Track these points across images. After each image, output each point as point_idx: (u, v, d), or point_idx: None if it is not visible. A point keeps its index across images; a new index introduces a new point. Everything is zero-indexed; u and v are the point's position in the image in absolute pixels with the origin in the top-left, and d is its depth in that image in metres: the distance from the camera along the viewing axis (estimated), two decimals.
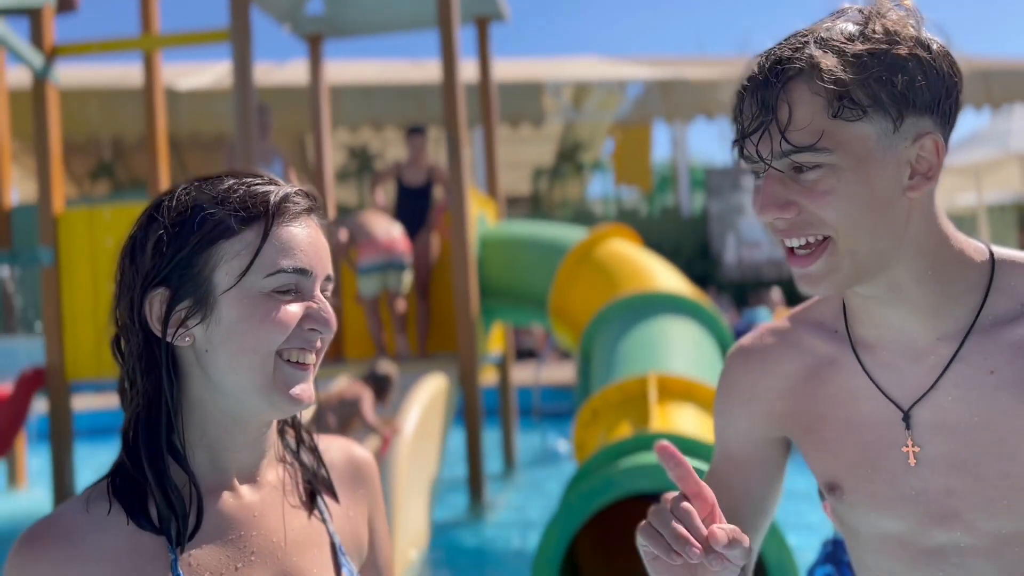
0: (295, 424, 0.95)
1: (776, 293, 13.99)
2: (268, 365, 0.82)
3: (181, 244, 0.81)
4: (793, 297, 16.91)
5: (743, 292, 15.96)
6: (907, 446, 0.92)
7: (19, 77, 7.66)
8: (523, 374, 9.68)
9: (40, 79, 5.32)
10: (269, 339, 0.81)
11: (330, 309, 0.85)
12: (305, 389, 0.84)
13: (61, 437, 5.31)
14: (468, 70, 7.37)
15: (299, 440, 0.94)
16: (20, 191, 15.77)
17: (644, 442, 3.18)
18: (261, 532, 0.86)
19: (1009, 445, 0.88)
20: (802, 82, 0.84)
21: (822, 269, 0.87)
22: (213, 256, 0.81)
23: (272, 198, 0.83)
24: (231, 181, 0.85)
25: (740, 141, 0.87)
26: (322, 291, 0.86)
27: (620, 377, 3.91)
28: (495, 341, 6.51)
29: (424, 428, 4.38)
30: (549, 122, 15.32)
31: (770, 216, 0.87)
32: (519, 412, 7.83)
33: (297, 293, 0.84)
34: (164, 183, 6.55)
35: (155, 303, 0.82)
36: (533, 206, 19.48)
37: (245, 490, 0.88)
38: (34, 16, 5.38)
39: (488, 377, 7.36)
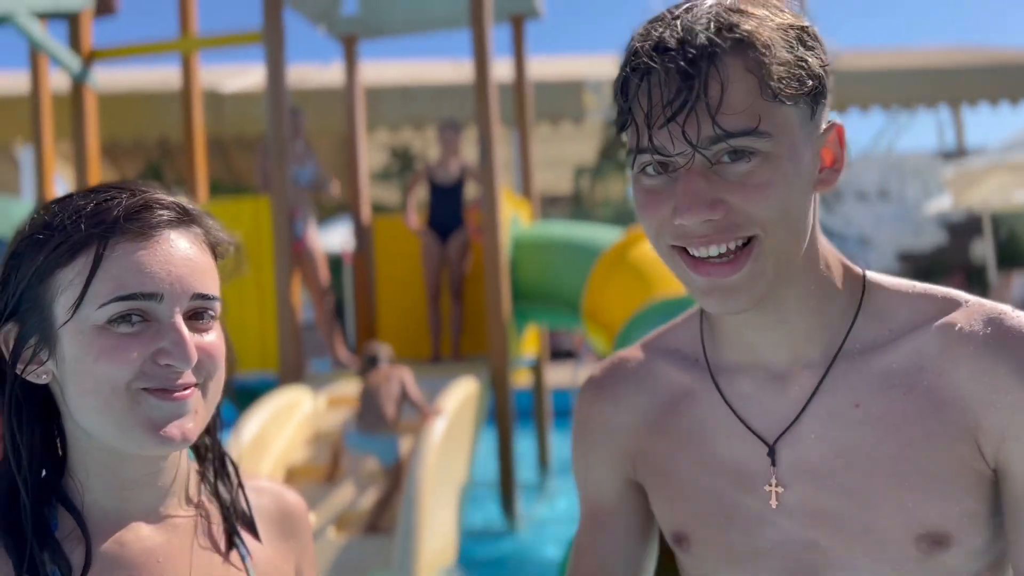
0: (217, 454, 0.85)
1: None
2: (120, 402, 0.71)
3: (22, 275, 0.73)
4: None
5: None
6: (770, 484, 0.80)
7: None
8: (561, 375, 9.58)
9: (78, 83, 5.37)
10: (109, 378, 0.71)
11: (186, 339, 0.72)
12: (178, 426, 0.72)
13: None
14: (504, 69, 7.30)
15: (218, 473, 0.84)
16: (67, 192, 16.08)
17: None
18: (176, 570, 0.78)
19: (872, 493, 0.77)
20: (735, 56, 0.71)
21: (746, 278, 0.74)
22: (51, 287, 0.72)
23: (110, 215, 0.71)
24: (82, 199, 0.74)
25: (648, 130, 0.73)
26: (196, 313, 0.74)
27: None
28: (529, 343, 6.42)
29: (453, 433, 4.30)
30: (590, 120, 15.16)
31: (697, 218, 0.72)
32: (556, 415, 7.73)
33: (146, 321, 0.72)
34: (203, 183, 6.58)
35: (7, 337, 0.74)
36: (575, 205, 19.35)
37: (147, 532, 0.78)
38: (73, 20, 5.44)
39: (522, 380, 7.27)
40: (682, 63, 0.71)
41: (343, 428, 4.36)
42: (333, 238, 13.25)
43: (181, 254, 0.73)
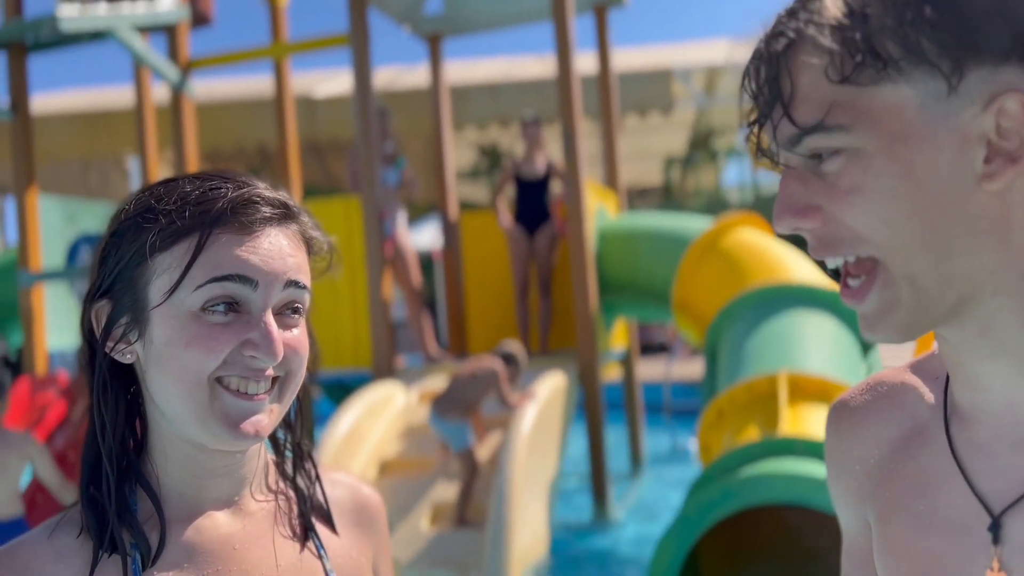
0: (294, 447, 0.85)
1: None
2: (202, 393, 0.72)
3: (121, 255, 0.74)
4: None
5: None
6: (992, 569, 0.64)
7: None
8: (653, 370, 9.43)
9: (177, 91, 5.59)
10: (196, 366, 0.71)
11: (274, 333, 0.72)
12: (254, 423, 0.73)
13: None
14: (589, 60, 7.22)
15: (296, 465, 0.84)
16: None
17: (772, 447, 2.95)
18: (241, 567, 0.77)
19: None
20: (803, 43, 0.61)
21: (875, 306, 0.62)
22: (148, 270, 0.73)
23: (215, 206, 0.72)
24: (188, 185, 0.75)
25: (754, 138, 0.66)
26: (285, 305, 0.75)
27: (748, 376, 3.67)
28: (618, 337, 6.34)
29: (542, 426, 4.28)
30: (679, 109, 14.88)
31: (786, 226, 0.63)
32: (649, 409, 7.62)
33: (237, 313, 0.73)
34: (297, 186, 6.76)
35: (100, 314, 0.76)
36: (665, 196, 19.04)
37: (224, 520, 0.79)
38: (170, 32, 5.67)
39: (612, 374, 7.19)
40: (757, 65, 0.64)
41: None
42: (423, 237, 13.43)
43: (278, 249, 0.74)
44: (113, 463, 0.75)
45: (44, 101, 13.47)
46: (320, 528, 0.84)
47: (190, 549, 0.76)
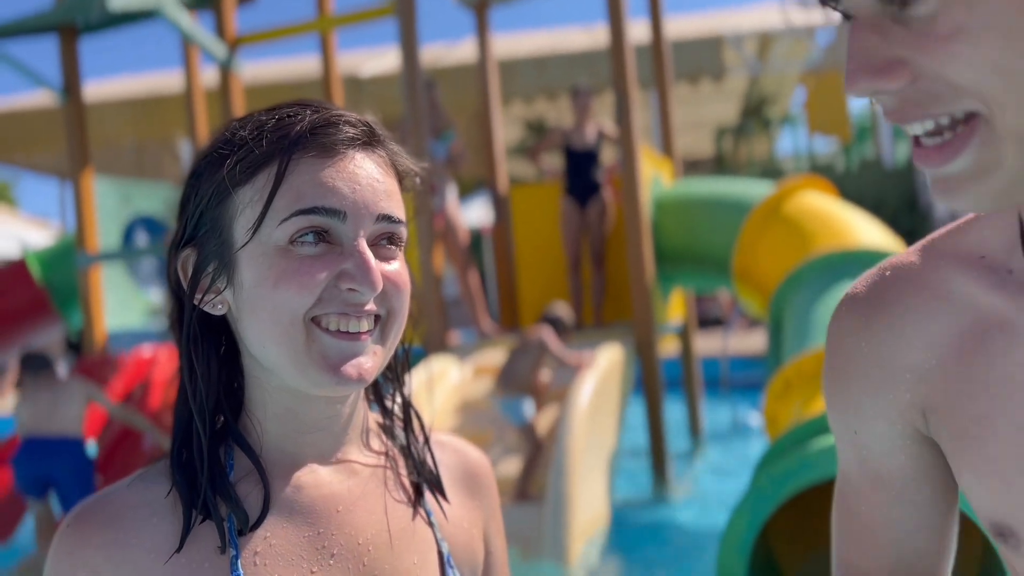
0: (404, 404, 0.77)
1: None
2: (298, 335, 0.65)
3: (202, 194, 0.68)
4: None
5: None
6: None
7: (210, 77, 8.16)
8: (710, 344, 9.25)
9: (225, 69, 5.57)
10: (289, 304, 0.65)
11: (371, 261, 0.65)
12: (356, 365, 0.66)
13: None
14: (640, 30, 7.00)
15: (406, 424, 0.77)
16: None
17: None
18: (345, 531, 0.70)
19: None
20: None
21: (968, 167, 0.50)
22: (230, 207, 0.67)
23: (293, 130, 0.66)
24: (264, 115, 0.69)
25: None
26: (381, 237, 0.68)
27: (817, 344, 3.52)
28: (675, 309, 6.18)
29: (599, 400, 4.18)
30: (731, 77, 14.51)
31: (864, 88, 0.51)
32: (706, 384, 7.45)
33: (328, 243, 0.66)
34: None
35: (186, 264, 0.70)
36: (717, 167, 18.65)
37: (326, 479, 0.72)
38: (217, 10, 5.64)
39: (669, 347, 7.04)
40: None
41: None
42: (473, 213, 13.37)
43: (366, 174, 0.67)
44: (206, 424, 0.68)
45: (97, 88, 13.70)
46: (427, 495, 0.77)
47: (290, 509, 0.69)
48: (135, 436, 5.05)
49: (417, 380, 4.51)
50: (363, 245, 0.66)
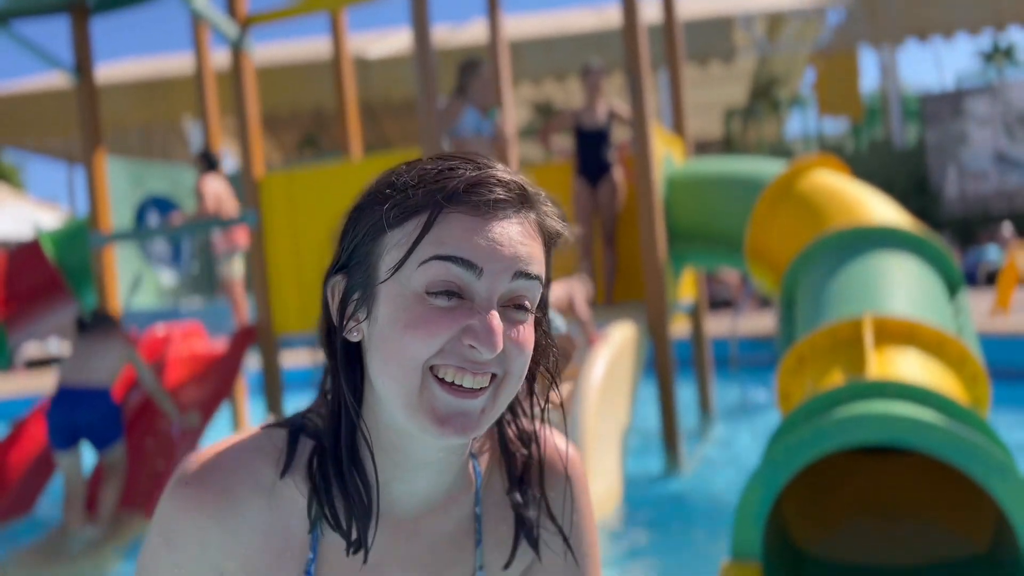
0: (527, 462, 0.82)
1: (1007, 228, 12.51)
2: (414, 379, 0.70)
3: (360, 229, 0.74)
4: None
5: (968, 228, 14.40)
6: None
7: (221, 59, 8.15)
8: (718, 325, 9.26)
9: (237, 49, 5.57)
10: (413, 349, 0.69)
11: (496, 323, 0.69)
12: (461, 421, 0.70)
13: (273, 388, 5.64)
14: (651, 10, 6.97)
15: (526, 482, 0.81)
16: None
17: (860, 390, 2.83)
18: (405, 558, 0.78)
19: None
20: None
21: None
22: (380, 244, 0.72)
23: (450, 184, 0.70)
24: (430, 164, 0.73)
25: None
26: (513, 299, 0.71)
27: (830, 320, 3.53)
28: (686, 288, 6.20)
29: (613, 376, 4.21)
30: (740, 58, 14.44)
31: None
32: (715, 364, 7.47)
33: (462, 299, 0.70)
34: (357, 146, 6.73)
35: (336, 290, 0.76)
36: (725, 148, 18.58)
37: (406, 514, 0.78)
38: None
39: (679, 327, 7.05)
40: None
41: None
42: None
43: (509, 235, 0.71)
44: (356, 450, 0.74)
45: (104, 70, 13.69)
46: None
47: (380, 543, 0.76)
48: (153, 414, 5.09)
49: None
50: (493, 304, 0.69)
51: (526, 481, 0.81)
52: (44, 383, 11.13)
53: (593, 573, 0.85)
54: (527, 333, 0.71)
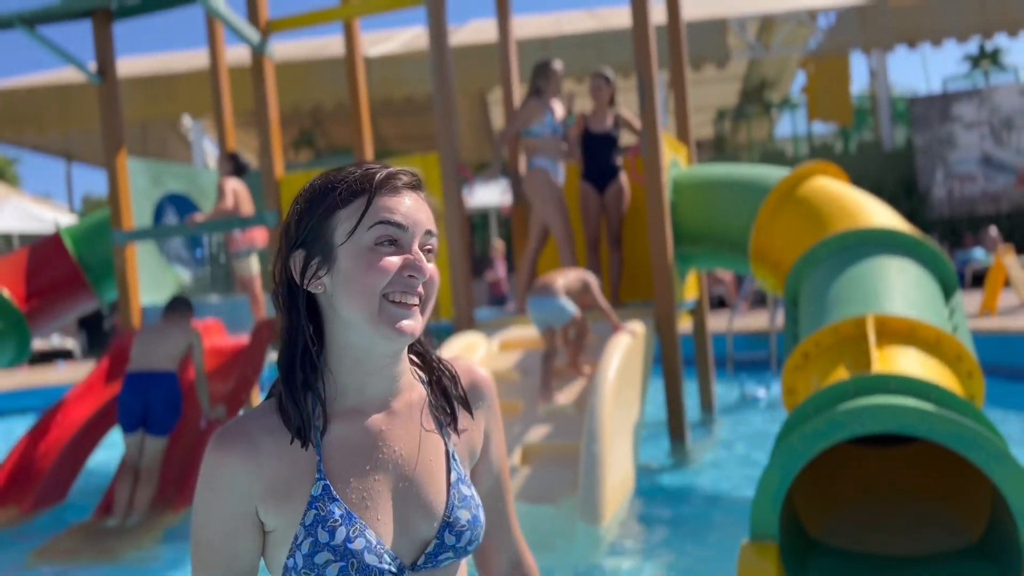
0: (427, 355, 1.12)
1: (993, 230, 12.80)
2: (374, 304, 1.00)
3: (312, 215, 1.03)
4: (1013, 234, 15.42)
5: (955, 230, 14.72)
6: None
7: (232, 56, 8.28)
8: (715, 323, 9.50)
9: (258, 53, 5.75)
10: (373, 282, 0.99)
11: (424, 261, 1.02)
12: (409, 324, 1.01)
13: None
14: (653, 13, 7.13)
15: (437, 369, 1.11)
16: None
17: (864, 384, 3.05)
18: (387, 442, 1.05)
19: None
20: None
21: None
22: (332, 221, 1.02)
23: (377, 176, 1.03)
24: (353, 168, 1.05)
25: None
26: (423, 246, 1.04)
27: (833, 319, 3.75)
28: (690, 288, 6.42)
29: (625, 372, 4.42)
30: (733, 61, 14.68)
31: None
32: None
33: (397, 247, 1.02)
34: (368, 146, 6.91)
35: (297, 261, 1.04)
36: (717, 149, 18.84)
37: (378, 409, 1.07)
38: None
39: (681, 325, 7.27)
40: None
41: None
42: (483, 195, 13.54)
43: (417, 204, 1.05)
44: (307, 363, 1.04)
45: None
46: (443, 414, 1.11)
47: (352, 430, 1.04)
48: (186, 409, 5.25)
49: (448, 353, 4.74)
50: (417, 249, 1.03)
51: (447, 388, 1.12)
52: (48, 378, 11.24)
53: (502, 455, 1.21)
54: (434, 269, 1.04)
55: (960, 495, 3.26)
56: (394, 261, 1.00)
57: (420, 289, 1.01)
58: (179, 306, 4.99)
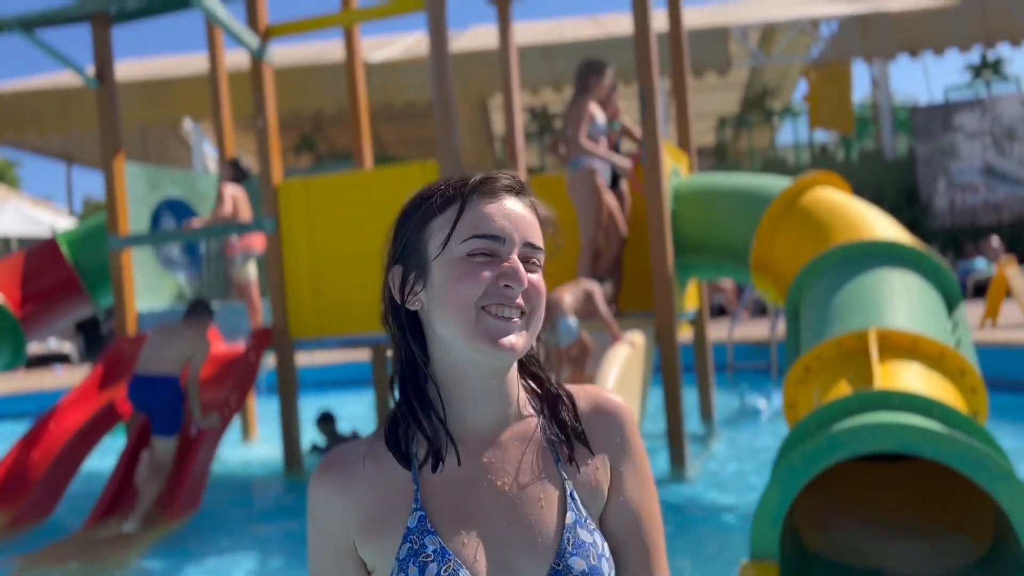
0: (543, 379, 1.03)
1: (995, 241, 12.76)
2: (470, 316, 0.92)
3: (407, 227, 0.99)
4: (1015, 244, 15.39)
5: (956, 240, 14.67)
6: None
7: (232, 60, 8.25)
8: (715, 332, 9.46)
9: (257, 59, 5.71)
10: (466, 293, 0.92)
11: (521, 269, 0.93)
12: (510, 340, 0.92)
13: (287, 390, 5.78)
14: (655, 21, 7.10)
15: (556, 397, 1.01)
16: None
17: (866, 401, 3.01)
18: (492, 476, 0.96)
19: None
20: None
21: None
22: (425, 233, 0.96)
23: (469, 182, 0.96)
24: (449, 176, 1.00)
25: None
26: (525, 258, 0.96)
27: (835, 332, 3.71)
28: (690, 298, 6.38)
29: (623, 384, 4.37)
30: (734, 69, 14.66)
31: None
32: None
33: (493, 257, 0.94)
34: (368, 152, 6.87)
35: (395, 277, 0.99)
36: (718, 156, 18.81)
37: (483, 437, 0.98)
38: (249, 1, 5.77)
39: (681, 334, 7.23)
40: None
41: None
42: None
43: (517, 212, 0.96)
44: (411, 386, 0.97)
45: None
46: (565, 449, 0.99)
47: (455, 467, 0.97)
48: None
49: None
50: (515, 258, 0.94)
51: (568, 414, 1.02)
52: (45, 382, 11.19)
53: (653, 501, 1.05)
54: (539, 281, 0.96)
55: (965, 511, 3.21)
56: (487, 271, 0.92)
57: (520, 301, 0.93)
58: (199, 310, 5.01)
